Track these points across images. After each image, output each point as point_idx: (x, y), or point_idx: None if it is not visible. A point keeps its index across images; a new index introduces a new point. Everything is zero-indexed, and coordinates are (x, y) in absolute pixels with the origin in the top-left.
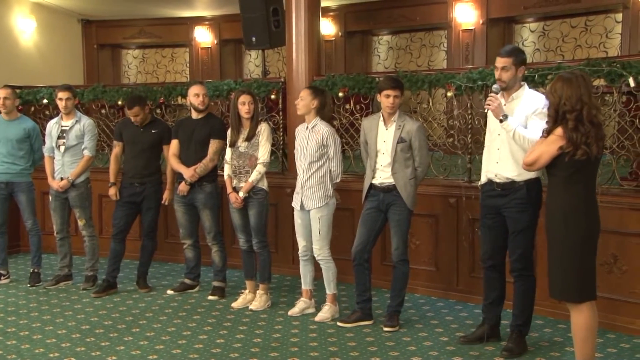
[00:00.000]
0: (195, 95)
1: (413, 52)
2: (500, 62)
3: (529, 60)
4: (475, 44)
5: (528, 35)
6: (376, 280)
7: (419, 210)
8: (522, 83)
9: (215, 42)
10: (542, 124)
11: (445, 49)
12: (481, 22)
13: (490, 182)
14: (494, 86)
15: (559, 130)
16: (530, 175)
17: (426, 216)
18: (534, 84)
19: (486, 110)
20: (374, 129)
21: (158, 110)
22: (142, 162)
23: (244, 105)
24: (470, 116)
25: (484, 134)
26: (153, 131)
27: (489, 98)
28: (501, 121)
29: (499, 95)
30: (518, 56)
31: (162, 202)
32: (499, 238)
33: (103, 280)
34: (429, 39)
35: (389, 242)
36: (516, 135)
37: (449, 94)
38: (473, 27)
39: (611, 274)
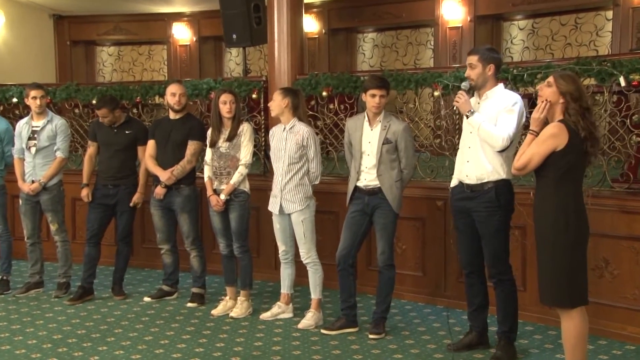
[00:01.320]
0: (171, 95)
1: (399, 50)
2: (468, 59)
3: (517, 58)
4: (462, 42)
5: (517, 33)
6: (361, 285)
7: (405, 213)
8: (499, 83)
9: (194, 39)
10: (511, 119)
11: (432, 47)
12: (469, 19)
13: (460, 184)
14: (463, 83)
15: (551, 129)
16: (500, 176)
17: (412, 219)
18: (523, 83)
19: (454, 107)
20: (358, 130)
21: (135, 110)
22: (116, 163)
23: (225, 105)
24: (457, 116)
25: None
26: (127, 132)
27: (457, 94)
28: (467, 117)
29: (474, 96)
30: (485, 54)
31: (131, 204)
32: (474, 243)
33: (78, 286)
34: (416, 36)
35: (374, 246)
36: (481, 131)
37: (435, 93)
38: (460, 25)
39: (602, 278)
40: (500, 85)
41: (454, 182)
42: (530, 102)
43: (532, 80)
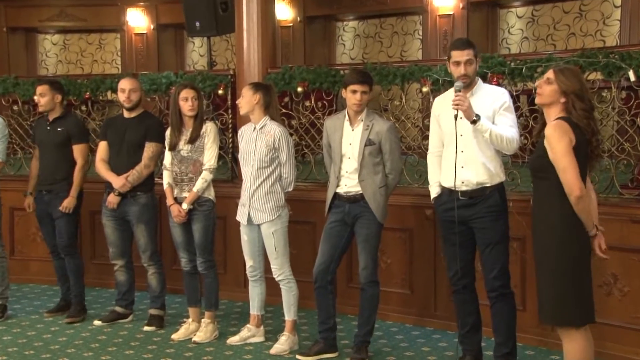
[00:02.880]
0: (121, 91)
1: (383, 40)
2: (463, 55)
3: (515, 50)
4: (454, 32)
5: (515, 22)
6: (341, 305)
7: (391, 223)
8: (477, 77)
9: (152, 27)
10: (512, 117)
11: (421, 37)
12: (461, 6)
13: (449, 191)
14: (457, 84)
15: (558, 127)
16: (501, 178)
17: (399, 230)
18: (522, 78)
19: (456, 112)
20: (338, 130)
21: (83, 107)
22: (50, 165)
23: (186, 102)
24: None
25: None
26: (59, 129)
27: (456, 97)
28: (474, 122)
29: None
30: (475, 47)
31: (60, 209)
32: (469, 254)
33: (60, 299)
34: (402, 25)
35: (355, 260)
36: (493, 135)
37: (424, 89)
38: (452, 12)
39: (610, 296)
40: (479, 80)
41: (435, 192)
42: (530, 98)
43: (532, 74)
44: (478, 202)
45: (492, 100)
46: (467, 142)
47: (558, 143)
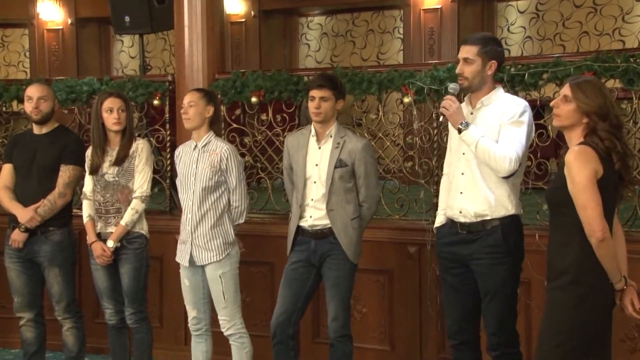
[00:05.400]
0: (27, 99)
1: (356, 40)
2: (463, 51)
3: (516, 52)
4: (442, 30)
5: (515, 18)
6: None
7: (366, 263)
8: (496, 86)
9: (70, 21)
10: (518, 133)
11: (402, 37)
12: None
13: (450, 223)
14: (452, 85)
15: (580, 154)
16: (508, 211)
17: (376, 272)
18: (523, 86)
19: (440, 116)
20: (302, 148)
21: None
22: None
23: (110, 113)
24: (436, 131)
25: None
26: None
27: (445, 100)
28: (460, 130)
29: (464, 102)
30: (488, 45)
31: None
32: (468, 302)
33: None
34: (379, 22)
35: (324, 309)
36: (479, 149)
37: (406, 99)
38: (439, 6)
39: (635, 353)
40: (500, 89)
41: (439, 221)
42: (535, 110)
43: (536, 82)
44: (477, 238)
45: (502, 112)
46: (470, 162)
47: (579, 173)
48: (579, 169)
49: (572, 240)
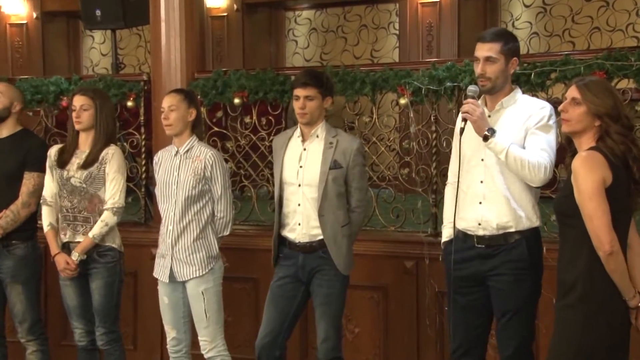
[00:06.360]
0: None
1: (348, 36)
2: (483, 49)
3: (522, 49)
4: (441, 25)
5: (521, 12)
6: None
7: (359, 279)
8: (514, 86)
9: (35, 15)
10: (548, 139)
11: (397, 33)
12: None
13: (464, 236)
14: (471, 87)
15: (587, 160)
16: (532, 223)
17: (370, 288)
18: (530, 86)
19: (462, 123)
20: (281, 148)
21: None
22: None
23: (74, 112)
24: (435, 135)
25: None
26: None
27: (465, 104)
28: (486, 138)
29: (479, 102)
30: (509, 42)
31: None
32: (478, 322)
33: None
34: (373, 17)
35: (313, 329)
36: (510, 157)
37: (402, 101)
38: (438, 0)
39: None
40: (518, 90)
41: (447, 235)
42: None
43: (543, 82)
44: (498, 253)
45: (527, 116)
46: (490, 169)
47: (585, 180)
48: (585, 176)
49: (580, 254)
